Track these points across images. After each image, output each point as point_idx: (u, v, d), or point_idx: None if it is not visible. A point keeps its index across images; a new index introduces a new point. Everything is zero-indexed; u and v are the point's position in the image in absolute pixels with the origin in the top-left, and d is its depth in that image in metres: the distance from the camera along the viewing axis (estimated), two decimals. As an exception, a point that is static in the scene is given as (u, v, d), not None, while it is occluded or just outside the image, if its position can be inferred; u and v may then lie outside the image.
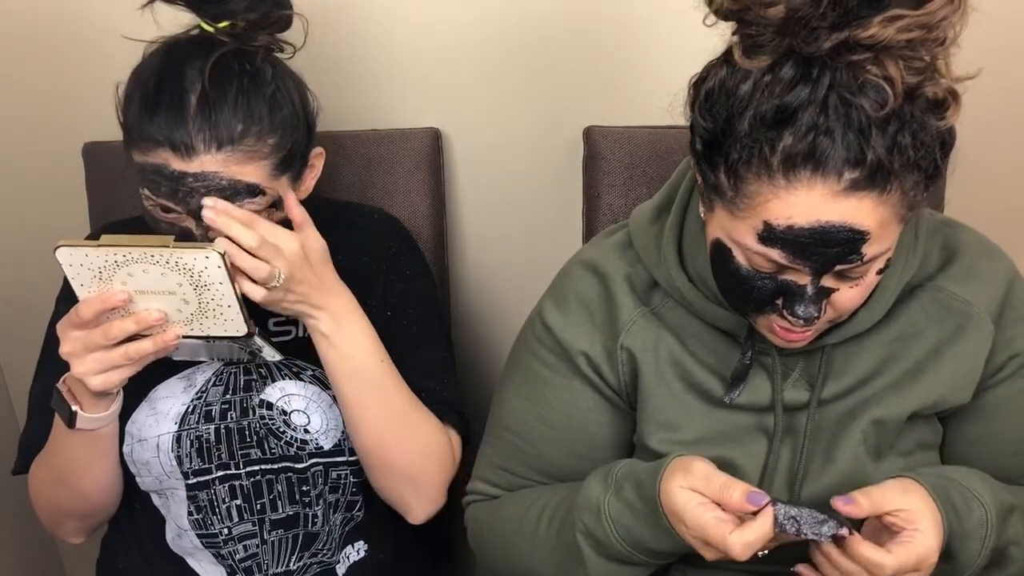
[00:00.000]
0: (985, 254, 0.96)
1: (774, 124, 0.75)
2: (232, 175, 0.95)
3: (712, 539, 0.83)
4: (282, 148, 0.98)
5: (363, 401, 1.05)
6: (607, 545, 0.91)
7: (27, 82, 1.42)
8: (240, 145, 0.95)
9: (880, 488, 0.85)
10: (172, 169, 0.94)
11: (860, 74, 0.73)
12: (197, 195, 0.94)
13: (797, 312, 0.81)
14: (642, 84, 1.33)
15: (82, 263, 0.89)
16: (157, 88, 0.95)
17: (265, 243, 0.94)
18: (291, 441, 1.09)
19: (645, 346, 0.95)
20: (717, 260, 0.85)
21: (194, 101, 0.93)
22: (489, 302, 1.50)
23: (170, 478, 1.08)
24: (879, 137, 0.74)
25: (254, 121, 0.95)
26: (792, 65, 0.74)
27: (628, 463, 0.94)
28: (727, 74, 0.78)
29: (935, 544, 0.83)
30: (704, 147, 0.81)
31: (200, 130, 0.93)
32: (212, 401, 1.09)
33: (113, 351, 0.91)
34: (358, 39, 1.35)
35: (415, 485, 1.09)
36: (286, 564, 1.11)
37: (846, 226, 0.76)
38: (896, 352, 0.93)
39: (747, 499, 0.82)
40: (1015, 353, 0.95)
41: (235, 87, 0.95)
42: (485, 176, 1.42)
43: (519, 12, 1.31)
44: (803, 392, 0.94)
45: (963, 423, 0.97)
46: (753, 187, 0.77)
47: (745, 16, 0.76)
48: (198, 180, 0.94)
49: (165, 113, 0.93)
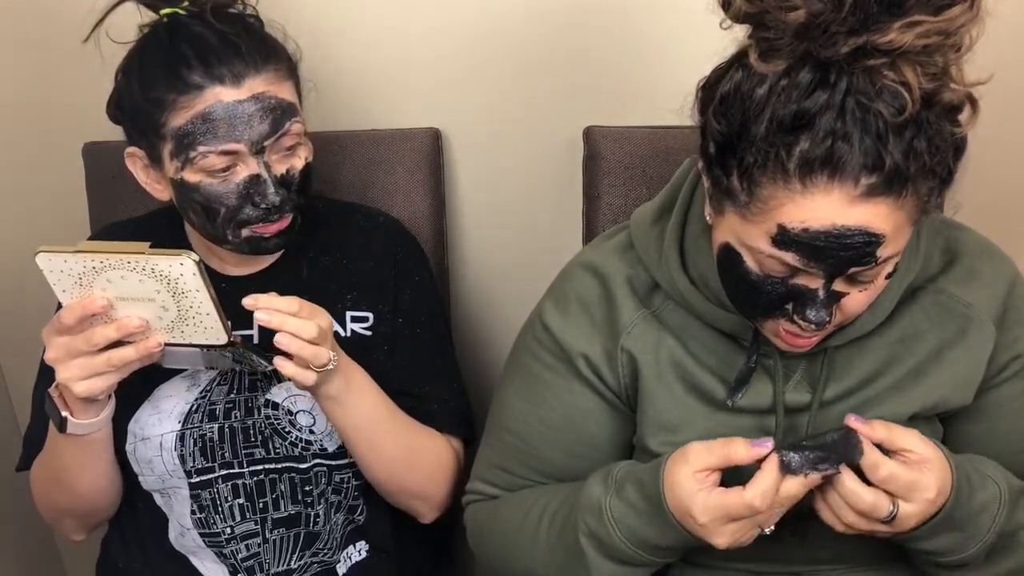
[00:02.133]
0: (986, 256, 0.96)
1: (791, 129, 0.74)
2: (276, 93, 0.99)
3: (730, 507, 0.83)
4: (292, 70, 1.03)
5: (372, 447, 1.06)
6: (610, 546, 0.91)
7: (27, 82, 1.42)
8: (271, 64, 0.99)
9: (903, 428, 0.85)
10: (226, 102, 0.96)
11: (877, 79, 0.73)
12: (256, 120, 0.97)
13: (808, 316, 0.81)
14: (642, 84, 1.33)
15: (62, 269, 0.89)
16: (171, 46, 0.98)
17: (321, 330, 0.94)
18: (296, 441, 1.09)
19: (646, 348, 0.95)
20: (725, 264, 0.85)
21: (215, 40, 0.97)
22: (489, 302, 1.50)
23: (173, 477, 1.08)
24: (896, 142, 0.73)
25: (267, 45, 1.01)
26: (809, 69, 0.74)
27: (627, 464, 0.94)
28: (742, 77, 0.77)
29: (934, 489, 0.82)
30: (717, 151, 0.80)
31: (238, 57, 0.97)
32: (216, 400, 1.09)
33: (96, 357, 0.91)
34: (358, 39, 1.35)
35: (426, 500, 1.13)
36: (287, 563, 1.11)
37: (861, 229, 0.76)
38: (898, 354, 0.93)
39: (752, 445, 0.83)
40: (1017, 354, 0.95)
41: (240, 24, 1.01)
42: (485, 176, 1.42)
43: (519, 12, 1.31)
44: (804, 394, 0.94)
45: (964, 423, 0.98)
46: (768, 191, 0.77)
47: (763, 20, 0.75)
48: (255, 101, 0.97)
49: (197, 58, 0.96)
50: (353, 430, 1.04)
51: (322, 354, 0.94)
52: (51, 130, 1.44)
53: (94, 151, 1.35)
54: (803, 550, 0.97)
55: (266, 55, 0.99)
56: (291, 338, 0.92)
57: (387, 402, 1.07)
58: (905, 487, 0.83)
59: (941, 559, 0.90)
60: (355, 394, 1.02)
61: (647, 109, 1.32)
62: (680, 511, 0.86)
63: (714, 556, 0.95)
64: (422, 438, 1.10)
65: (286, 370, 0.94)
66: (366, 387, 1.04)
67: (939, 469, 0.83)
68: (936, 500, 0.83)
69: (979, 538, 0.88)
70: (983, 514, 0.87)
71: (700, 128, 0.83)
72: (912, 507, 0.83)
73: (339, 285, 1.13)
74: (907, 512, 0.84)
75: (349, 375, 1.02)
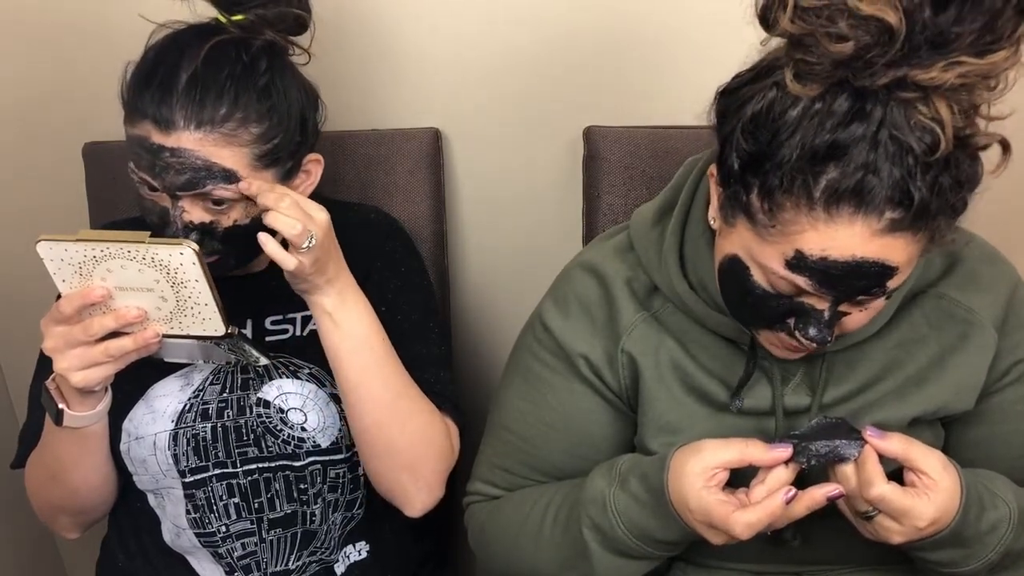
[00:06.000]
0: (987, 260, 0.96)
1: (824, 158, 0.73)
2: (208, 156, 0.95)
3: (715, 520, 0.83)
4: (266, 140, 0.98)
5: (365, 380, 1.04)
6: (613, 538, 0.91)
7: (28, 82, 1.42)
8: (220, 127, 0.95)
9: (925, 447, 0.84)
10: (152, 142, 0.95)
11: (912, 113, 0.72)
12: (172, 171, 0.95)
13: (810, 335, 0.81)
14: (642, 84, 1.33)
15: (62, 258, 0.89)
16: (154, 64, 0.97)
17: (296, 206, 0.94)
18: (288, 439, 1.09)
19: (646, 350, 0.95)
20: (729, 274, 0.84)
21: (184, 79, 0.95)
22: (489, 302, 1.50)
23: (167, 476, 1.08)
24: (924, 179, 0.73)
25: (239, 107, 0.96)
26: (846, 98, 0.73)
27: (631, 457, 0.95)
28: (776, 97, 0.76)
29: (927, 519, 0.82)
30: (741, 167, 0.79)
31: (183, 107, 0.94)
32: (209, 400, 1.09)
33: (94, 347, 0.91)
34: (358, 39, 1.35)
35: (414, 473, 1.08)
36: (285, 563, 1.11)
37: (879, 262, 0.75)
38: (898, 358, 0.93)
39: (770, 449, 0.84)
40: (1019, 359, 0.95)
41: (227, 72, 0.96)
42: (485, 176, 1.42)
43: (519, 12, 1.31)
44: (804, 397, 0.93)
45: (966, 427, 0.97)
46: (790, 215, 0.76)
47: (805, 41, 0.73)
48: (174, 155, 0.95)
49: (155, 87, 0.95)
50: (348, 354, 1.03)
51: (296, 224, 0.93)
52: (51, 130, 1.44)
53: (94, 151, 1.36)
54: (804, 550, 0.97)
55: (227, 114, 0.95)
56: (265, 207, 0.94)
57: (383, 336, 1.06)
58: (895, 511, 0.83)
59: (943, 569, 0.90)
60: (350, 312, 1.02)
61: (647, 109, 1.33)
62: (680, 503, 0.86)
63: (714, 556, 0.95)
64: (416, 395, 1.08)
65: (267, 247, 0.94)
66: (364, 310, 1.04)
67: (944, 499, 0.83)
68: (926, 530, 0.83)
69: (983, 556, 0.88)
70: (991, 534, 0.87)
71: (720, 138, 0.82)
72: (897, 526, 0.84)
73: None
74: (889, 527, 0.84)
75: (346, 293, 1.02)
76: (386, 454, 1.07)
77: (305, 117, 1.04)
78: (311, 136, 1.06)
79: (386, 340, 1.06)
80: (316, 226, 0.95)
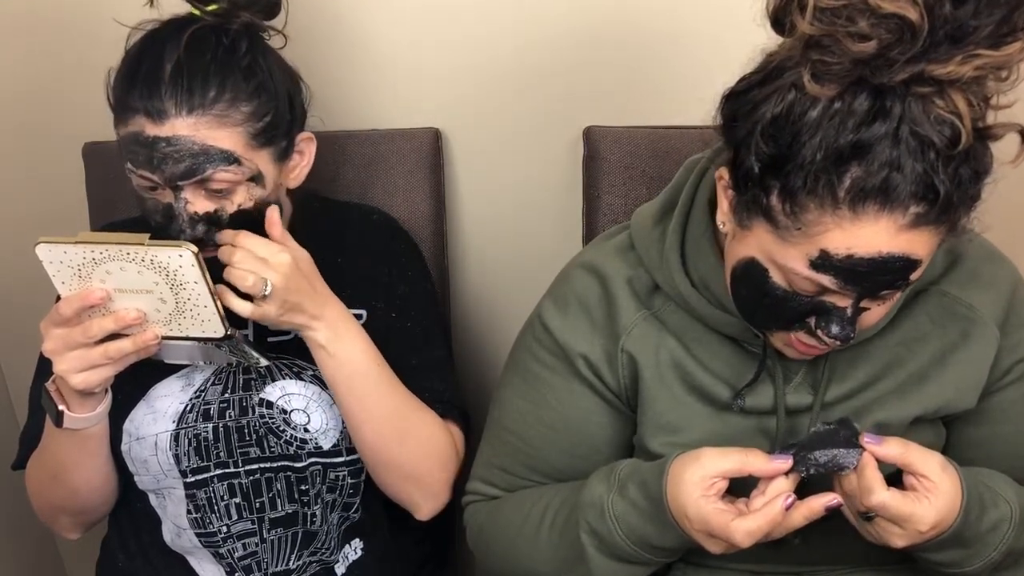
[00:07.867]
0: (989, 259, 0.96)
1: (848, 158, 0.73)
2: (204, 139, 0.95)
3: (714, 528, 0.83)
4: (259, 118, 0.99)
5: (362, 404, 1.05)
6: (611, 544, 0.91)
7: (27, 82, 1.42)
8: (211, 109, 0.96)
9: (924, 450, 0.84)
10: (147, 135, 0.95)
11: (930, 108, 0.72)
12: (170, 160, 0.95)
13: (833, 332, 0.81)
14: (642, 84, 1.33)
15: (62, 260, 0.89)
16: (137, 60, 0.97)
17: (249, 257, 0.95)
18: (291, 440, 1.09)
19: (646, 350, 0.95)
20: (745, 277, 0.84)
21: (169, 69, 0.95)
22: (489, 302, 1.50)
23: (168, 477, 1.08)
24: (945, 172, 0.73)
25: (227, 88, 0.97)
26: (866, 96, 0.73)
27: (630, 463, 0.94)
28: (795, 99, 0.75)
29: (928, 523, 0.82)
30: (761, 171, 0.78)
31: (172, 95, 0.94)
32: (210, 400, 1.09)
33: (93, 349, 0.92)
34: (359, 39, 1.35)
35: (418, 483, 1.10)
36: (285, 563, 1.11)
37: (904, 256, 0.76)
38: (900, 356, 0.93)
39: (771, 460, 0.84)
40: (1020, 358, 0.95)
41: (209, 55, 0.97)
42: (485, 176, 1.42)
43: (519, 12, 1.31)
44: (806, 396, 0.93)
45: (968, 426, 0.97)
46: (814, 216, 0.75)
47: (823, 42, 0.73)
48: (170, 144, 0.94)
49: (142, 82, 0.95)
50: (346, 380, 1.04)
51: (247, 276, 0.94)
52: (51, 130, 1.44)
53: (94, 151, 1.36)
54: (804, 551, 0.96)
55: (216, 96, 0.96)
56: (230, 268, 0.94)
57: (382, 362, 1.06)
58: (896, 517, 0.83)
59: (945, 570, 0.90)
60: (344, 343, 1.03)
61: (647, 109, 1.32)
62: (678, 511, 0.86)
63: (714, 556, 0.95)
64: (416, 410, 1.09)
65: (224, 298, 0.94)
66: (358, 339, 1.04)
67: (944, 502, 0.83)
68: (927, 533, 0.83)
69: (985, 555, 0.88)
70: (992, 533, 0.87)
71: (733, 142, 0.81)
72: (899, 531, 0.84)
73: (335, 284, 1.12)
74: (891, 531, 0.84)
75: (338, 325, 1.02)
76: (389, 468, 1.09)
77: (292, 94, 1.05)
78: (300, 114, 1.07)
79: (382, 363, 1.07)
80: (273, 271, 0.95)
